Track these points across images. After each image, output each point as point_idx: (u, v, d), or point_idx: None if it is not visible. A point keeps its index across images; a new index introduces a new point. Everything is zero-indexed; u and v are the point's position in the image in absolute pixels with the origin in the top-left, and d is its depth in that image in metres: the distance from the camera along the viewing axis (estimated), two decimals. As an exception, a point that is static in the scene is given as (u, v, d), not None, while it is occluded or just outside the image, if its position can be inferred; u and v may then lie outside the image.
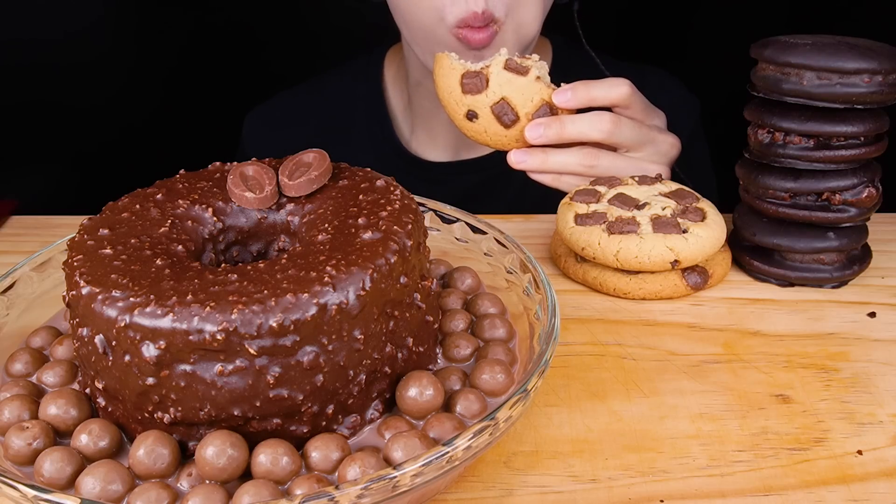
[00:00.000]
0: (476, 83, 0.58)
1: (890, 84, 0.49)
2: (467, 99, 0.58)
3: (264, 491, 0.32)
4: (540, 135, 0.58)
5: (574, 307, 0.52)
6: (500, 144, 0.60)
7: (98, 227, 0.39)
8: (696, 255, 0.51)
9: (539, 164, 0.59)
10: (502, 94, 0.58)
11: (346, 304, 0.34)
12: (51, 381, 0.40)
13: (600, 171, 0.59)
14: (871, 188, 0.51)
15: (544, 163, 0.59)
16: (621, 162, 0.60)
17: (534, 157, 0.59)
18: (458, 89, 0.59)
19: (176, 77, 1.20)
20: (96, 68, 1.08)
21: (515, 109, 0.58)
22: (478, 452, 0.34)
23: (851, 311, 0.51)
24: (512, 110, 0.58)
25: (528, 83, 0.58)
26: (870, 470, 0.39)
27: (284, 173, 0.42)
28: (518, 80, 0.58)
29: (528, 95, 0.58)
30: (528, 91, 0.58)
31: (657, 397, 0.44)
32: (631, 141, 0.60)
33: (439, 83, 0.60)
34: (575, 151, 0.59)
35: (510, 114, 0.58)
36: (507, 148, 0.60)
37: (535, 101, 0.58)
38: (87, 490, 0.33)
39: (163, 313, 0.33)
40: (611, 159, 0.60)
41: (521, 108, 0.58)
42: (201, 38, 1.20)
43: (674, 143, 0.63)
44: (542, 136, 0.58)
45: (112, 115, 1.11)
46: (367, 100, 0.85)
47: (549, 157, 0.59)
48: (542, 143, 0.59)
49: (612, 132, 0.59)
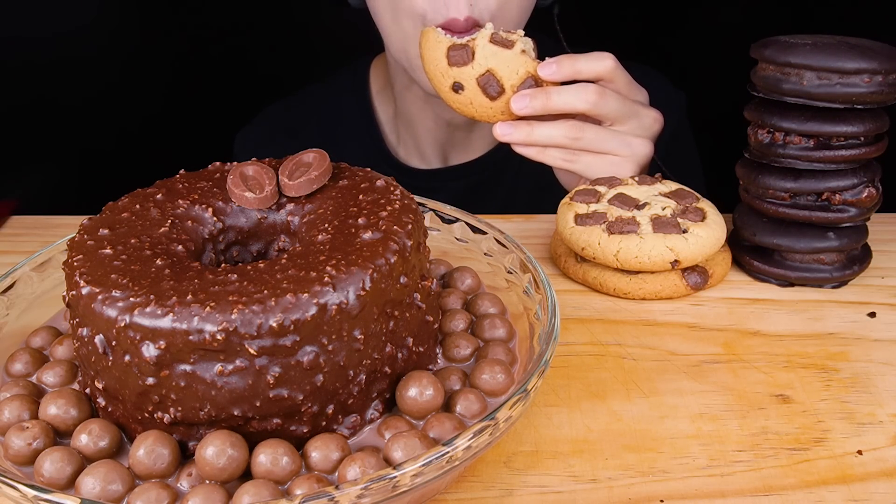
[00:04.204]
0: (462, 55, 0.58)
1: (890, 84, 0.49)
2: (453, 71, 0.59)
3: (264, 491, 0.32)
4: (525, 105, 0.58)
5: (574, 307, 0.52)
6: (485, 117, 0.61)
7: (98, 227, 0.39)
8: (696, 255, 0.51)
9: (524, 136, 0.59)
10: (488, 67, 0.58)
11: (346, 304, 0.34)
12: (51, 381, 0.40)
13: (585, 144, 0.60)
14: (871, 188, 0.51)
15: (529, 135, 0.59)
16: (606, 134, 0.60)
17: (519, 129, 0.59)
18: (443, 62, 0.59)
19: (176, 77, 1.20)
20: (96, 68, 1.08)
21: (501, 82, 0.59)
22: (478, 452, 0.34)
23: (851, 311, 0.51)
24: (497, 82, 0.59)
25: (513, 56, 0.58)
26: (870, 470, 0.39)
27: (284, 173, 0.42)
28: (503, 53, 0.58)
29: (514, 68, 0.59)
30: (513, 64, 0.58)
31: (657, 397, 0.44)
32: (615, 113, 0.60)
33: (425, 56, 0.60)
34: (560, 124, 0.59)
35: (495, 86, 0.59)
36: (493, 120, 0.61)
37: (521, 73, 0.59)
38: (87, 490, 0.33)
39: (163, 313, 0.33)
40: (595, 132, 0.60)
41: (506, 80, 0.59)
42: (202, 38, 1.20)
43: (657, 118, 0.63)
44: (528, 106, 0.58)
45: (112, 115, 1.11)
46: (354, 112, 0.85)
47: (534, 130, 0.59)
48: (528, 113, 0.59)
49: (597, 103, 0.59)
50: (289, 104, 0.88)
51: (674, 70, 0.84)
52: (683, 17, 1.22)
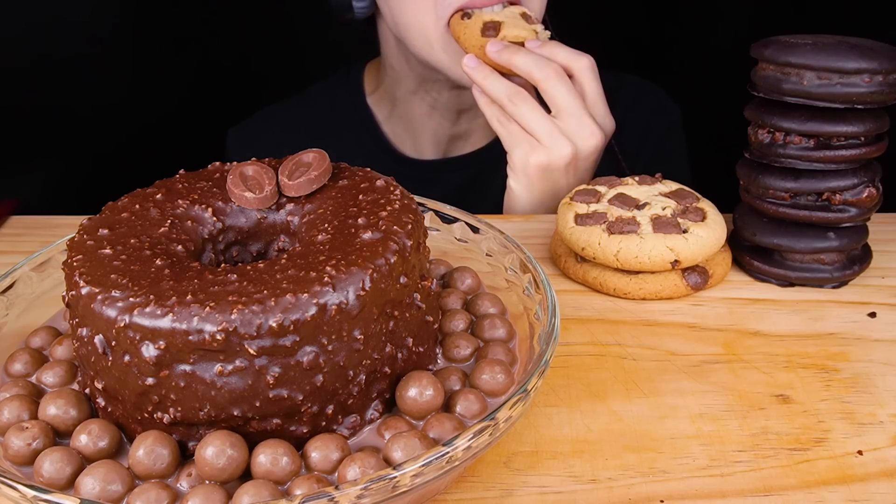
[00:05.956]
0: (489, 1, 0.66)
1: (890, 84, 0.48)
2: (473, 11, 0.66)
3: (264, 491, 0.32)
4: (496, 51, 0.63)
5: (574, 307, 0.52)
6: (466, 45, 0.65)
7: (98, 227, 0.39)
8: (696, 255, 0.51)
9: (481, 77, 0.63)
10: (501, 20, 0.65)
11: (345, 304, 0.34)
12: (50, 382, 0.40)
13: (517, 112, 0.62)
14: (872, 188, 0.51)
15: (486, 78, 0.63)
16: (539, 115, 0.62)
17: (481, 69, 0.63)
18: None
19: (176, 78, 1.20)
20: (96, 68, 1.08)
21: (500, 30, 0.64)
22: (478, 453, 0.34)
23: (851, 311, 0.51)
24: (497, 30, 0.64)
25: (525, 27, 0.65)
26: (870, 470, 0.39)
27: (284, 173, 0.42)
28: (520, 22, 0.65)
29: (517, 32, 0.64)
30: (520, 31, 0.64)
31: (657, 397, 0.44)
32: (561, 101, 0.61)
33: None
34: (507, 82, 0.62)
35: (494, 31, 0.64)
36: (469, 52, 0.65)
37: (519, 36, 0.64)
38: (87, 490, 0.33)
39: (162, 313, 0.33)
40: (531, 107, 0.62)
41: (505, 30, 0.64)
42: (203, 38, 1.20)
43: (594, 134, 0.63)
44: (496, 53, 0.63)
45: (112, 115, 1.11)
46: (351, 109, 0.86)
47: (490, 76, 0.63)
48: (494, 59, 0.63)
49: (550, 80, 0.61)
50: (285, 104, 0.89)
51: (674, 70, 0.84)
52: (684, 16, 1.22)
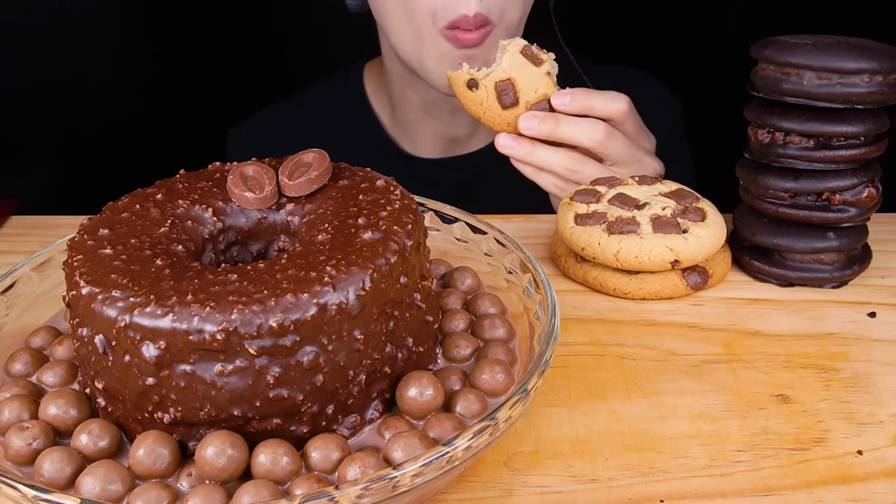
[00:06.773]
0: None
1: (890, 84, 0.49)
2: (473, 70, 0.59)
3: (264, 491, 0.32)
4: (533, 127, 0.59)
5: (574, 307, 0.52)
6: (491, 122, 0.61)
7: (98, 227, 0.39)
8: (696, 255, 0.51)
9: (525, 154, 0.60)
10: (511, 75, 0.58)
11: (346, 304, 0.34)
12: (51, 381, 0.40)
13: (580, 178, 0.60)
14: (871, 188, 0.51)
15: (530, 154, 0.60)
16: (600, 173, 0.60)
17: (521, 146, 0.60)
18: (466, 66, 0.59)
19: (178, 77, 1.20)
20: (97, 69, 1.08)
21: (518, 94, 0.58)
22: (478, 452, 0.34)
23: (851, 311, 0.51)
24: (514, 93, 0.58)
25: (538, 74, 0.58)
26: (870, 470, 0.39)
27: (284, 173, 0.42)
28: (529, 68, 0.58)
29: (534, 86, 0.58)
30: (535, 81, 0.58)
31: (657, 397, 0.44)
32: (618, 156, 0.60)
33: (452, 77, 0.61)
34: (562, 152, 0.59)
35: (511, 96, 0.58)
36: (497, 128, 0.61)
37: (539, 93, 0.59)
38: (87, 490, 0.33)
39: (163, 313, 0.33)
40: (594, 169, 0.60)
41: (523, 94, 0.58)
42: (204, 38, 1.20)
43: (657, 169, 0.63)
44: (535, 129, 0.59)
45: (112, 115, 1.11)
46: (352, 108, 0.85)
47: (535, 150, 0.59)
48: (533, 136, 0.59)
49: (602, 143, 0.59)
50: (285, 104, 0.89)
51: (674, 69, 0.84)
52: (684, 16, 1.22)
